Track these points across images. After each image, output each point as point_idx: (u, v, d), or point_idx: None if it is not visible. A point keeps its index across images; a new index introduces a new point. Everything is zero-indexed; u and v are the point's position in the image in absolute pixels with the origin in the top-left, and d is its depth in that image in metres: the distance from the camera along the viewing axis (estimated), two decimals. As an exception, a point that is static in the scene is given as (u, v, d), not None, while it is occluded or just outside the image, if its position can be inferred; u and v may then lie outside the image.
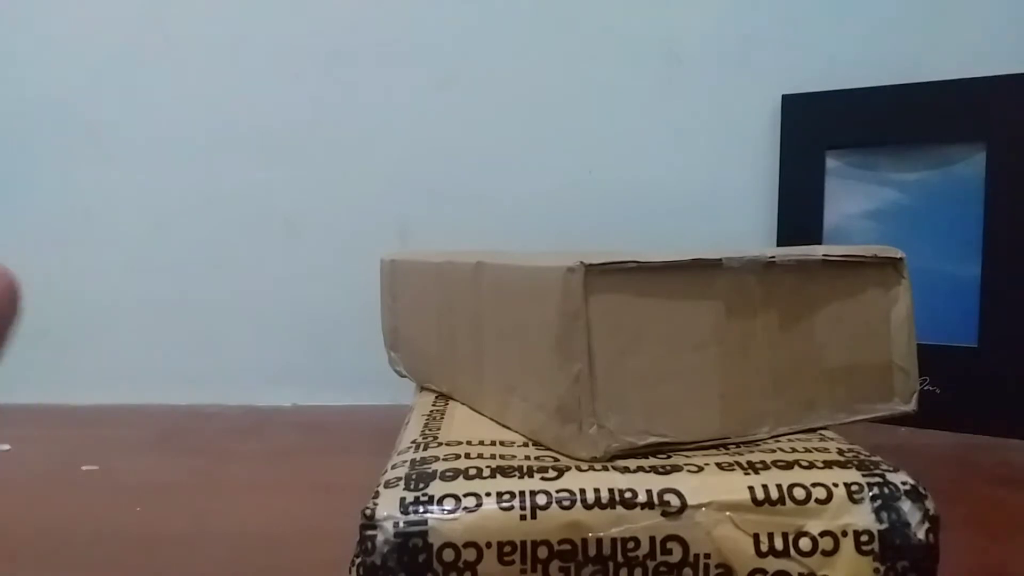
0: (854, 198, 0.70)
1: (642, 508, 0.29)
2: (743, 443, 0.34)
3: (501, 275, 0.38)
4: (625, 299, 0.32)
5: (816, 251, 0.37)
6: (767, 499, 0.29)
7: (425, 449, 0.33)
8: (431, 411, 0.42)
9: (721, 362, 0.34)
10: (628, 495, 0.29)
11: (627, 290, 0.32)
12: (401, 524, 0.28)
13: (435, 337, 0.46)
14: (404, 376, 0.54)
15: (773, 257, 0.35)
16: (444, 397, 0.45)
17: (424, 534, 0.28)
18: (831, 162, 0.71)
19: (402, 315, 0.52)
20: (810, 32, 0.75)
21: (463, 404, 0.43)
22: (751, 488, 0.29)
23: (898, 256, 0.39)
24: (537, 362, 0.34)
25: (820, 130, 0.71)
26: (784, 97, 0.73)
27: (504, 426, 0.37)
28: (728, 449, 0.33)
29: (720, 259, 0.34)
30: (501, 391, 0.38)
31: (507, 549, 0.28)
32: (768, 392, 0.35)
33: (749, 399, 0.35)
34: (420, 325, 0.49)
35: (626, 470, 0.31)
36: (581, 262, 0.31)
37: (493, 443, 0.34)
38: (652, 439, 0.32)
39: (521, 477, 0.30)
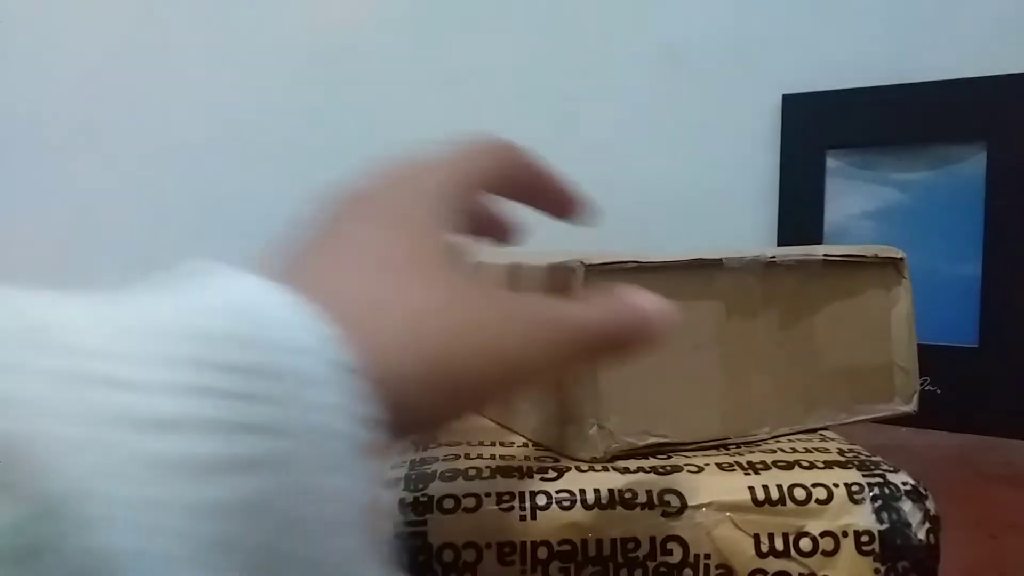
0: (855, 198, 0.70)
1: (642, 509, 0.29)
2: (743, 443, 0.34)
3: (501, 275, 0.38)
4: (625, 299, 0.32)
5: (817, 251, 0.37)
6: (767, 499, 0.29)
7: (424, 450, 0.33)
8: (431, 411, 0.41)
9: (721, 362, 0.34)
10: (628, 496, 0.29)
11: (627, 290, 0.32)
12: (400, 525, 0.28)
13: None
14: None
15: (774, 257, 0.35)
16: (444, 397, 0.45)
17: (424, 535, 0.28)
18: (832, 162, 0.71)
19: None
20: (810, 31, 0.75)
21: (463, 404, 0.42)
22: (751, 488, 0.29)
23: (899, 256, 0.38)
24: (537, 362, 0.34)
25: (821, 130, 0.71)
26: (784, 97, 0.73)
27: (503, 426, 0.37)
28: (728, 449, 0.33)
29: (721, 259, 0.34)
30: (501, 391, 0.38)
31: (507, 550, 0.28)
32: (768, 392, 0.35)
33: (749, 399, 0.35)
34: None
35: (626, 471, 0.30)
36: (581, 262, 0.31)
37: (493, 443, 0.34)
38: (652, 440, 0.32)
39: (521, 478, 0.30)
